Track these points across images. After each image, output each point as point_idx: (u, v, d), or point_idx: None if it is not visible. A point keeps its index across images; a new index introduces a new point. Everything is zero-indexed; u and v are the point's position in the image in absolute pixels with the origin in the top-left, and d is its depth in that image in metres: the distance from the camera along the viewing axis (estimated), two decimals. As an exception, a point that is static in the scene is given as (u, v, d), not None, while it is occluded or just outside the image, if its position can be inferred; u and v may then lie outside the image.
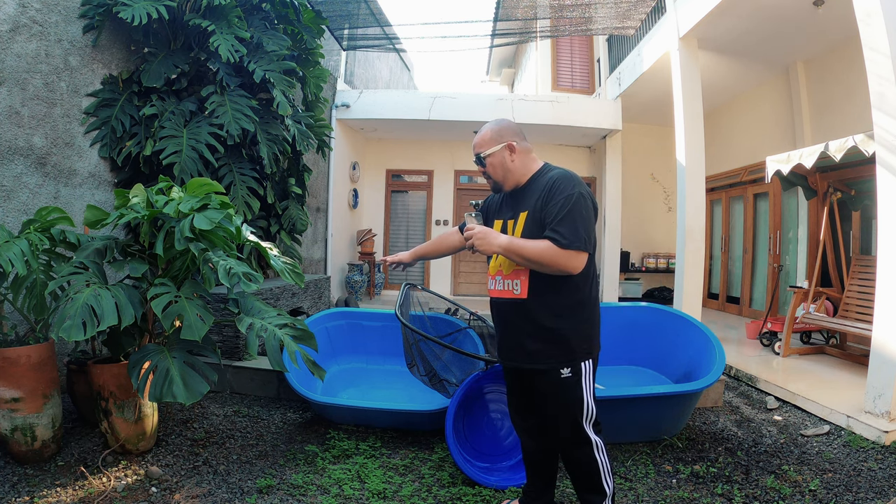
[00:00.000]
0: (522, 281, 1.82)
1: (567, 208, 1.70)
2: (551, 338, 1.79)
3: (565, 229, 1.68)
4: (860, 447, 2.94)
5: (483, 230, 1.80)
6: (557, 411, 1.84)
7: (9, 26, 3.00)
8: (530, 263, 1.73)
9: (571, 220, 1.69)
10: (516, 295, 1.84)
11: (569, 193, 1.72)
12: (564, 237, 1.67)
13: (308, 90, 5.08)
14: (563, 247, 1.67)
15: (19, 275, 2.37)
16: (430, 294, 3.66)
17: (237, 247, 3.58)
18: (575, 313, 1.79)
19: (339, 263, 8.07)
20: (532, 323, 1.81)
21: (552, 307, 1.79)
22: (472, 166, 9.28)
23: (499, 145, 1.90)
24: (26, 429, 2.36)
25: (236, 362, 3.72)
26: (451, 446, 2.43)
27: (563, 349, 1.79)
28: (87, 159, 3.59)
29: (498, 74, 14.43)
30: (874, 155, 3.28)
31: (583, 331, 1.81)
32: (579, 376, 1.79)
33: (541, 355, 1.81)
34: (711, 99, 7.31)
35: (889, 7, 3.03)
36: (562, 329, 1.78)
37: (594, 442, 1.83)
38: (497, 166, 1.92)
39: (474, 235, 1.80)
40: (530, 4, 6.59)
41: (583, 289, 1.80)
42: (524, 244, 1.72)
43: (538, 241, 1.72)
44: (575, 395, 1.80)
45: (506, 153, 1.90)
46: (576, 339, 1.79)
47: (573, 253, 1.68)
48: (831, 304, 4.95)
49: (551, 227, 1.70)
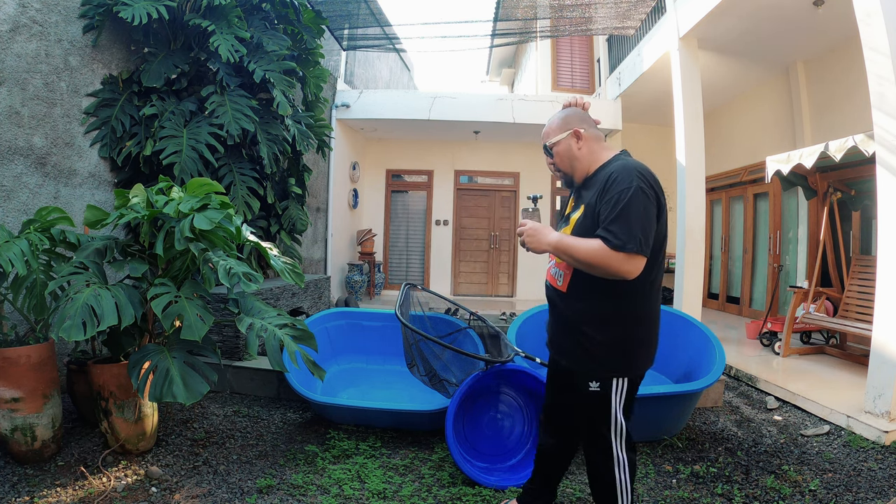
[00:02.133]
0: (566, 273, 1.69)
1: (622, 204, 1.50)
2: (580, 342, 1.67)
3: (618, 228, 1.49)
4: (860, 447, 2.94)
5: (534, 227, 1.68)
6: (583, 421, 1.76)
7: (9, 26, 3.00)
8: (581, 265, 1.57)
9: (626, 218, 1.49)
10: (558, 287, 1.73)
11: (625, 187, 1.52)
12: (616, 237, 1.49)
13: (308, 90, 5.08)
14: (615, 248, 1.49)
15: (19, 275, 2.37)
16: (430, 294, 3.66)
17: (237, 247, 3.58)
18: (611, 324, 1.63)
19: (339, 263, 8.07)
20: (566, 319, 1.72)
21: (589, 310, 1.65)
22: (471, 166, 9.32)
23: (565, 133, 1.74)
24: (26, 429, 2.36)
25: (236, 362, 3.72)
26: (451, 446, 2.43)
27: (593, 360, 1.65)
28: (87, 159, 3.59)
29: (498, 74, 14.43)
30: (874, 155, 3.28)
31: (621, 346, 1.63)
32: (608, 393, 1.65)
33: (568, 356, 1.73)
34: (711, 99, 7.31)
35: (889, 7, 3.03)
36: (594, 338, 1.63)
37: (617, 458, 1.70)
38: (563, 155, 1.75)
39: (525, 232, 1.69)
40: (530, 4, 6.59)
41: (633, 299, 1.61)
42: (574, 243, 1.57)
43: (590, 240, 1.55)
44: (602, 411, 1.68)
45: (572, 141, 1.74)
46: (609, 352, 1.64)
47: (626, 256, 1.49)
48: (831, 304, 4.95)
49: (603, 226, 1.53)
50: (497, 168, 9.33)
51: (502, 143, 9.21)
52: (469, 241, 9.38)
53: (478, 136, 8.78)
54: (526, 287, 9.25)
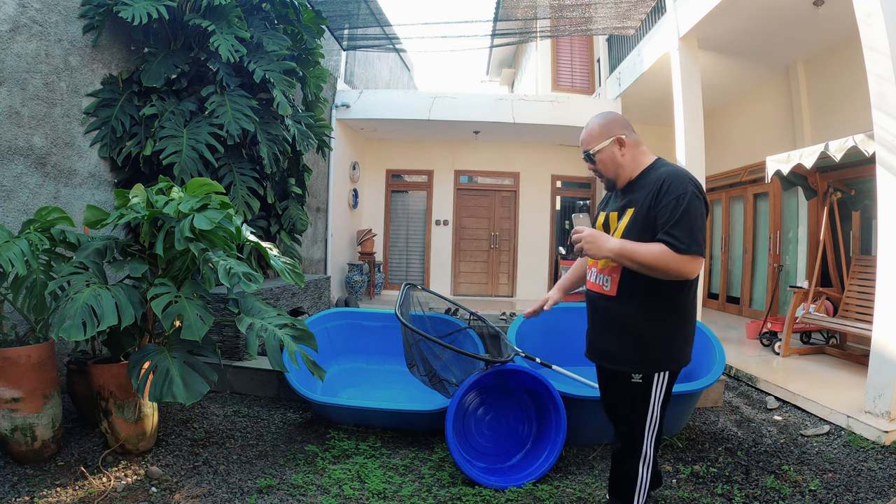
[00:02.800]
0: (613, 278, 1.76)
1: (681, 209, 1.60)
2: (631, 340, 1.75)
3: (681, 232, 1.59)
4: (860, 447, 2.94)
5: (592, 233, 1.72)
6: (622, 413, 1.84)
7: (9, 26, 3.00)
8: (643, 268, 1.64)
9: (687, 223, 1.59)
10: (605, 291, 1.80)
11: (682, 193, 1.62)
12: (681, 241, 1.58)
13: (308, 90, 5.08)
14: (680, 251, 1.58)
15: (19, 275, 2.37)
16: (430, 294, 3.66)
17: (237, 247, 3.58)
18: (662, 319, 1.73)
19: (339, 263, 8.07)
20: (615, 322, 1.78)
21: (639, 309, 1.73)
22: (471, 166, 9.31)
23: (607, 140, 1.79)
24: (26, 429, 2.36)
25: (236, 362, 3.72)
26: (451, 446, 2.43)
27: (640, 354, 1.74)
28: (87, 159, 3.59)
29: (498, 74, 14.43)
30: (874, 155, 3.28)
31: (666, 339, 1.74)
32: (650, 386, 1.74)
33: (617, 357, 1.78)
34: (711, 99, 7.31)
35: (889, 7, 3.03)
36: (643, 333, 1.73)
37: (644, 454, 1.80)
38: (608, 162, 1.80)
39: (583, 238, 1.71)
40: (530, 4, 6.59)
41: (676, 295, 1.72)
42: (637, 248, 1.63)
43: (652, 244, 1.63)
44: (641, 404, 1.76)
45: (615, 148, 1.79)
46: (656, 346, 1.73)
47: (690, 258, 1.59)
48: (831, 304, 4.95)
49: (665, 231, 1.62)
50: (497, 168, 9.33)
51: (502, 143, 9.21)
52: (469, 241, 9.38)
53: (478, 136, 8.78)
54: (526, 287, 9.25)
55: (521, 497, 2.34)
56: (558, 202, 9.44)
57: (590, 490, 2.43)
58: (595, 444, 2.93)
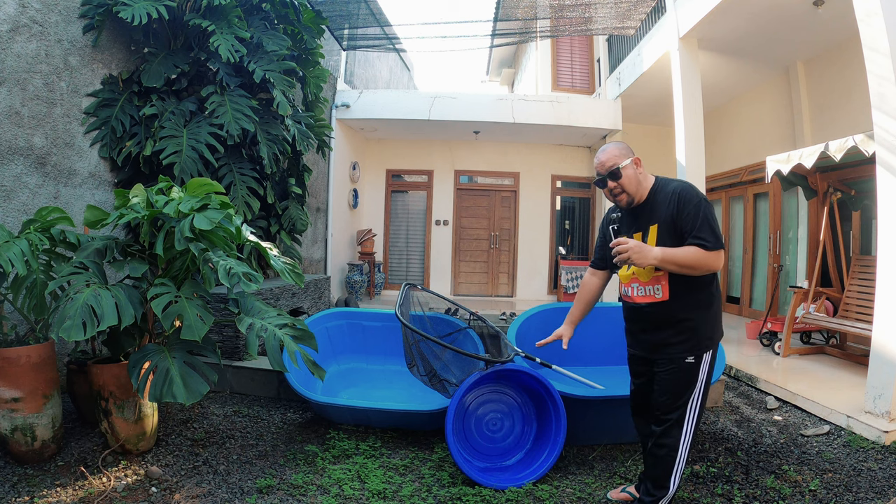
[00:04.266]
0: (663, 285, 2.01)
1: (701, 215, 1.91)
2: (686, 328, 2.00)
3: (706, 234, 1.89)
4: (860, 447, 2.94)
5: (638, 245, 1.93)
6: (672, 391, 2.01)
7: (9, 26, 3.00)
8: (682, 269, 1.92)
9: (708, 225, 1.91)
10: (658, 298, 2.03)
11: (697, 201, 1.93)
12: (708, 241, 1.89)
13: (308, 90, 5.08)
14: (710, 249, 1.89)
15: (19, 275, 2.37)
16: (430, 294, 3.66)
17: (237, 247, 3.58)
18: (707, 306, 2.02)
19: (339, 263, 8.07)
20: (673, 318, 2.01)
21: (689, 303, 2.00)
22: (471, 166, 9.31)
23: (628, 159, 2.05)
24: (26, 429, 2.36)
25: (236, 362, 3.72)
26: (451, 446, 2.43)
27: (693, 339, 1.99)
28: (87, 159, 3.59)
29: (498, 74, 14.43)
30: (874, 155, 3.28)
31: (711, 322, 2.03)
32: (699, 363, 2.00)
33: (676, 347, 2.01)
34: (711, 99, 7.31)
35: (889, 7, 3.03)
36: (695, 320, 2.00)
37: (686, 430, 2.00)
38: (632, 178, 2.04)
39: (630, 250, 1.92)
40: (530, 4, 6.59)
41: (711, 284, 2.03)
42: (676, 253, 1.91)
43: (686, 248, 1.91)
44: (691, 381, 2.00)
45: (635, 167, 2.06)
46: (704, 329, 2.01)
47: (717, 253, 1.90)
48: (831, 304, 4.95)
49: (693, 235, 1.91)
50: (497, 168, 9.32)
51: (502, 143, 9.21)
52: (469, 241, 9.38)
53: (478, 136, 8.78)
54: (526, 287, 9.25)
55: (521, 497, 2.34)
56: (558, 202, 9.44)
57: (590, 490, 2.43)
58: (595, 445, 2.93)
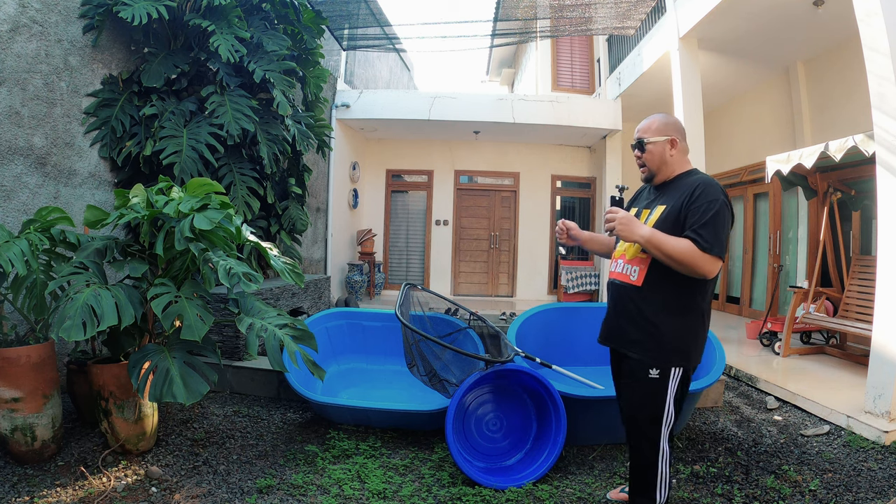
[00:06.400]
0: (641, 269, 1.86)
1: (711, 213, 1.73)
2: (650, 332, 1.82)
3: (707, 233, 1.71)
4: (860, 447, 2.94)
5: (626, 217, 1.81)
6: (637, 407, 1.87)
7: (9, 26, 3.00)
8: (667, 259, 1.75)
9: (714, 226, 1.72)
10: (632, 281, 1.89)
11: (714, 199, 1.75)
12: (706, 241, 1.71)
13: (308, 90, 5.08)
14: (704, 250, 1.70)
15: (19, 275, 2.37)
16: (430, 294, 3.66)
17: (237, 247, 3.58)
18: (681, 315, 1.82)
19: (339, 263, 8.07)
20: (638, 311, 1.86)
21: (661, 302, 1.82)
22: (471, 166, 9.31)
23: (663, 137, 1.93)
24: (26, 429, 2.36)
25: (236, 362, 3.72)
26: (451, 446, 2.43)
27: (658, 348, 1.81)
28: (87, 159, 3.59)
29: (498, 74, 14.43)
30: (874, 155, 3.28)
31: (683, 336, 1.82)
32: (666, 381, 1.81)
33: (636, 346, 1.86)
34: (711, 99, 7.31)
35: (889, 7, 3.03)
36: (663, 327, 1.81)
37: (662, 449, 1.85)
38: (656, 155, 1.94)
39: (617, 220, 1.81)
40: (530, 4, 6.59)
41: (696, 294, 1.82)
42: (666, 239, 1.74)
43: (679, 238, 1.74)
44: (657, 399, 1.82)
45: (667, 146, 1.93)
46: (673, 341, 1.81)
47: (711, 258, 1.71)
48: (831, 304, 4.95)
49: (693, 229, 1.74)
50: (497, 168, 9.33)
51: (502, 143, 9.21)
52: (469, 241, 9.38)
53: (478, 136, 8.78)
54: (526, 287, 9.25)
55: (521, 497, 2.34)
56: (558, 202, 9.44)
57: (590, 490, 2.43)
58: (595, 445, 2.93)
